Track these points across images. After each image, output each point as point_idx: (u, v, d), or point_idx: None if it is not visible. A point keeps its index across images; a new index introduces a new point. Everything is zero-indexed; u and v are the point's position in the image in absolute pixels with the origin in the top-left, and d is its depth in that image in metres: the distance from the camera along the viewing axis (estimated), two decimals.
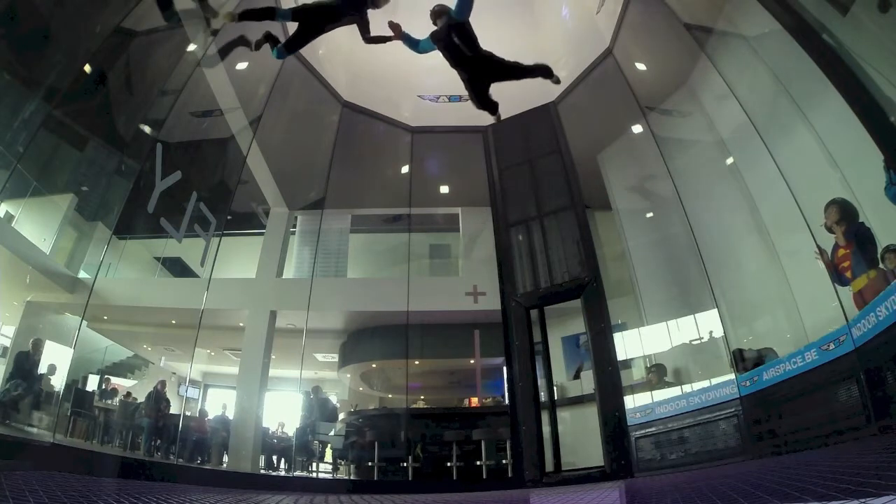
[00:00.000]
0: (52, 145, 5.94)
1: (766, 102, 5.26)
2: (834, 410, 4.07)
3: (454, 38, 4.23)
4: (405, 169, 8.86)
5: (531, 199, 7.43)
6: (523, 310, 6.90)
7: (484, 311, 7.95)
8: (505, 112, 7.82)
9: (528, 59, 7.99)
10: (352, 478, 7.35)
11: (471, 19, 4.35)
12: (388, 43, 4.94)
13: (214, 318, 8.51)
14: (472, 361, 8.28)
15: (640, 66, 7.04)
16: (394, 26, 4.50)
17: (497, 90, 8.26)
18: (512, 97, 7.75)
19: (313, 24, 4.75)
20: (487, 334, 7.89)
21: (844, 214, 4.34)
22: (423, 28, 4.57)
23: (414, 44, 4.54)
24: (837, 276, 4.37)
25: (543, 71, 4.62)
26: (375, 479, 6.81)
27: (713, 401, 5.27)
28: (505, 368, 6.93)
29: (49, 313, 6.80)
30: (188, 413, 8.28)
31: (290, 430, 8.30)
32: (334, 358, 10.52)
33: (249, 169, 8.16)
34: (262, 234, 9.36)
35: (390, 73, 8.19)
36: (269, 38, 5.17)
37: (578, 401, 7.28)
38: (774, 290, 5.44)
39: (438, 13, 4.36)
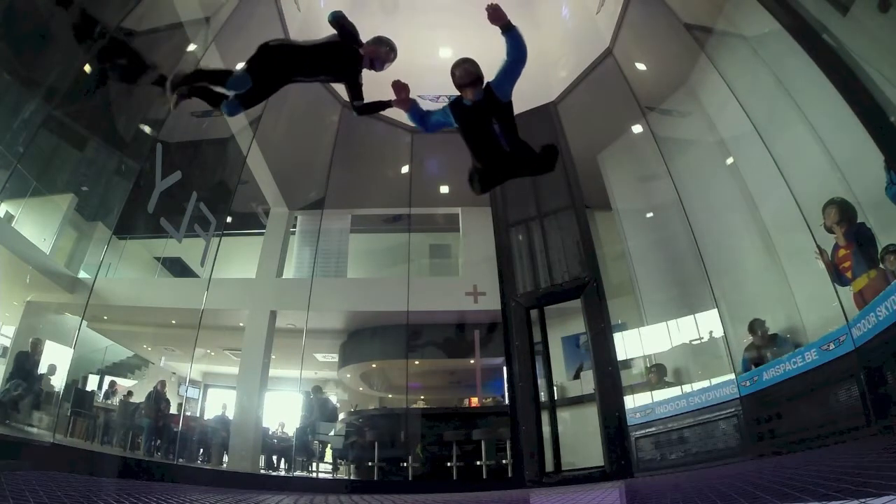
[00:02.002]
0: (52, 145, 5.94)
1: (766, 102, 5.26)
2: (834, 410, 4.07)
3: (493, 125, 3.00)
4: (405, 169, 8.86)
5: (531, 199, 7.43)
6: (523, 310, 6.90)
7: (484, 311, 7.95)
8: None
9: (527, 59, 8.05)
10: (352, 478, 7.35)
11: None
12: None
13: (214, 318, 8.51)
14: (472, 361, 8.29)
15: (640, 66, 7.03)
16: (400, 89, 3.13)
17: None
18: (511, 97, 7.75)
19: (277, 72, 3.19)
20: (487, 334, 7.89)
21: (844, 215, 4.34)
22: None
23: (422, 118, 3.22)
24: (838, 277, 4.37)
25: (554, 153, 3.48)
26: (375, 479, 6.81)
27: (713, 401, 5.27)
28: (505, 368, 6.93)
29: (49, 313, 6.80)
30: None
31: (290, 430, 8.30)
32: (334, 358, 10.51)
33: (249, 169, 8.16)
34: (262, 234, 9.37)
35: (390, 73, 8.18)
36: (200, 92, 3.16)
37: (578, 401, 7.28)
38: (774, 290, 5.43)
39: (471, 77, 2.90)
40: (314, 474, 7.60)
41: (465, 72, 2.91)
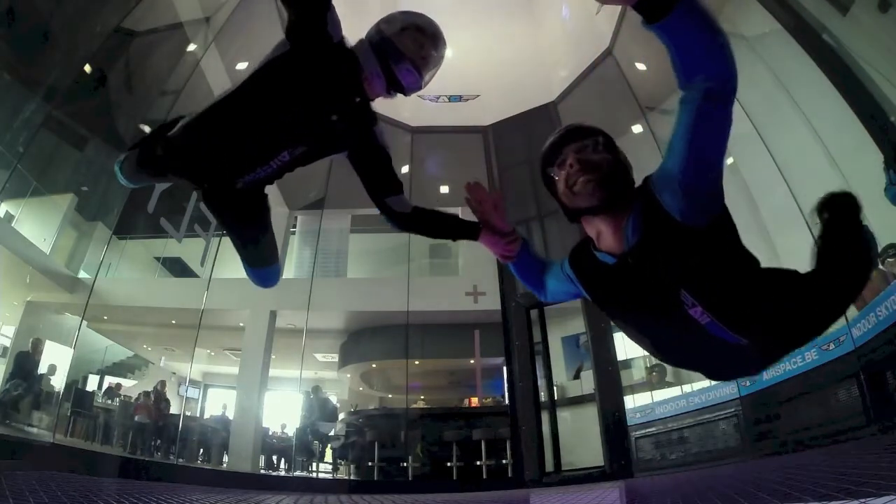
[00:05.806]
0: (52, 145, 5.95)
1: (766, 102, 5.26)
2: (834, 410, 4.07)
3: (688, 307, 1.05)
4: (405, 169, 8.84)
5: (531, 199, 7.42)
6: (523, 310, 6.90)
7: (484, 311, 7.94)
8: (505, 112, 7.84)
9: (527, 59, 8.06)
10: (352, 478, 7.35)
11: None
12: None
13: (214, 318, 8.51)
14: (472, 361, 8.28)
15: (640, 66, 7.03)
16: (507, 241, 1.63)
17: (493, 88, 8.23)
18: (512, 97, 7.75)
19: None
20: (487, 334, 7.88)
21: None
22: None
23: (540, 275, 1.63)
24: None
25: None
26: (375, 479, 6.81)
27: (713, 401, 5.26)
28: (505, 368, 6.93)
29: (49, 313, 6.81)
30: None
31: (291, 430, 8.30)
32: (334, 358, 10.52)
33: None
34: None
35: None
36: None
37: (578, 401, 7.27)
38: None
39: (609, 188, 1.14)
40: (314, 474, 7.60)
41: (597, 173, 1.16)
